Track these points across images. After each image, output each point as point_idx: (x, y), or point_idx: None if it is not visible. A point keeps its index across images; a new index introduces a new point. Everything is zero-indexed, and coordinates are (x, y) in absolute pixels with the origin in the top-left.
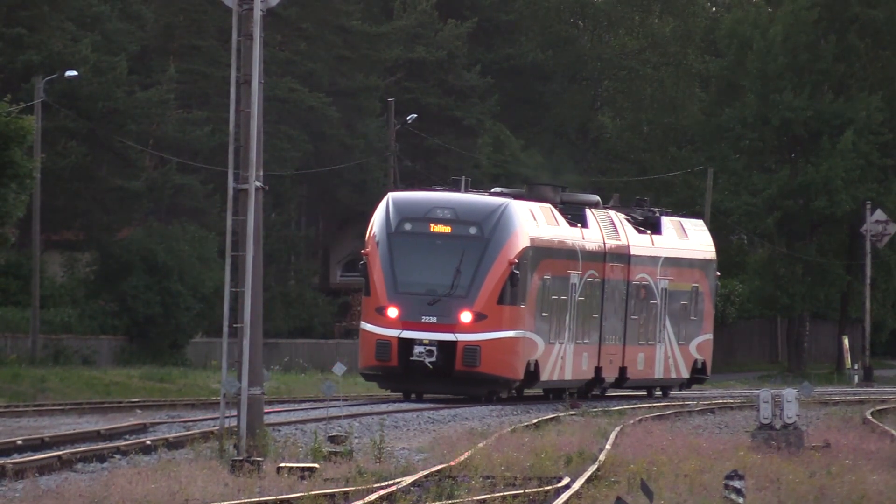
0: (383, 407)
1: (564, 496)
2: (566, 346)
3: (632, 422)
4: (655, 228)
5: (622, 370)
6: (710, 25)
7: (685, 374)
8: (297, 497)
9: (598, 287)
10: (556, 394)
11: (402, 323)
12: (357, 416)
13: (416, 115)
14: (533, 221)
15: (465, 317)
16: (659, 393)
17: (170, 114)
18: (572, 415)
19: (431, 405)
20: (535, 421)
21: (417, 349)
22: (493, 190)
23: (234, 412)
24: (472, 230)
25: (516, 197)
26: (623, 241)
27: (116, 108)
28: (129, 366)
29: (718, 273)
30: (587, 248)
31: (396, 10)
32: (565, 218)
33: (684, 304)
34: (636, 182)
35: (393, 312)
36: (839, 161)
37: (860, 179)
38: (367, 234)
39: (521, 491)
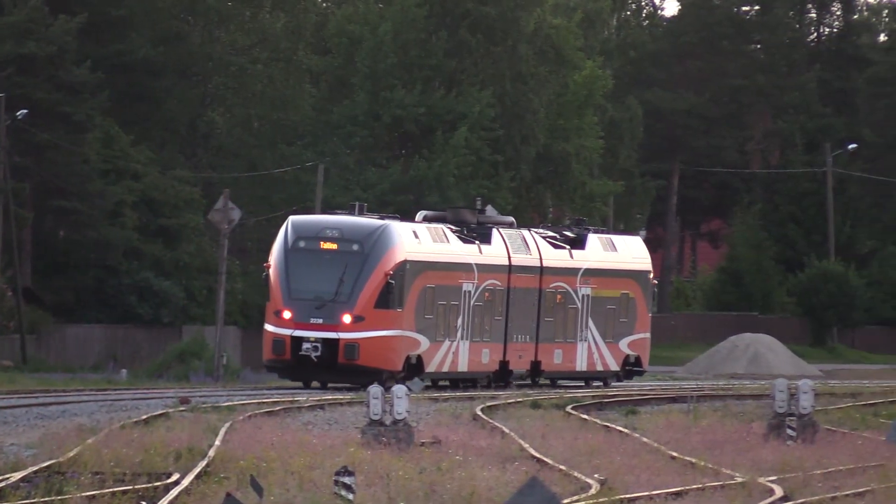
0: None
1: (174, 492)
2: (458, 343)
3: (241, 418)
4: (578, 244)
5: (536, 364)
6: (321, 21)
7: (615, 368)
8: None
9: (501, 294)
10: (454, 383)
11: (294, 324)
12: None
13: (26, 111)
14: (414, 239)
15: (346, 318)
16: (598, 383)
17: None
18: (182, 411)
19: (43, 401)
20: (145, 417)
21: (306, 345)
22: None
23: None
24: (355, 247)
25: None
26: (534, 255)
27: None
28: None
29: (655, 282)
30: (486, 261)
31: (6, 6)
32: (460, 236)
33: (612, 308)
34: (246, 178)
35: (287, 315)
36: (451, 157)
37: (472, 175)
38: (271, 250)
39: (131, 487)
